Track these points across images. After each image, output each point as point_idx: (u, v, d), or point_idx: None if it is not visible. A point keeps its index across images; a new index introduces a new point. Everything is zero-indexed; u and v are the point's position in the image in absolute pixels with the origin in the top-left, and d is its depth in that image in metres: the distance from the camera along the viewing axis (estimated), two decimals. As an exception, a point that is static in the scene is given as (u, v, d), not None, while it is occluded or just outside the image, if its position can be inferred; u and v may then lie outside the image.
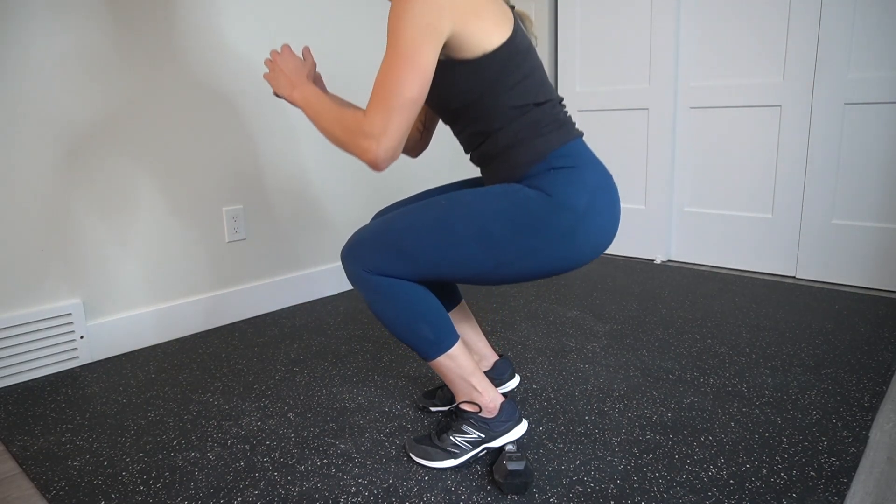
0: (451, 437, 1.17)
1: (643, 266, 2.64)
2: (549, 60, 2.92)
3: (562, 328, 1.90)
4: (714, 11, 2.41)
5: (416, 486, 1.12)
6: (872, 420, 1.30)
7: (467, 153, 1.20)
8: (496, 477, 1.09)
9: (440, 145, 2.78)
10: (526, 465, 1.08)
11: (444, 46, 1.01)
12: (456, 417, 1.20)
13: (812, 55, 2.21)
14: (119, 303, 1.82)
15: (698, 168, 2.58)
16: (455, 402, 1.35)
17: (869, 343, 1.70)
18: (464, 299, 2.22)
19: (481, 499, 1.08)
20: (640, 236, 2.76)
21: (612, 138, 2.78)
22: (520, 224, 1.06)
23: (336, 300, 2.30)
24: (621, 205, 2.77)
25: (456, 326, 1.36)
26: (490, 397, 1.18)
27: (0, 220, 1.57)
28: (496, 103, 1.08)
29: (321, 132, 1.09)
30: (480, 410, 1.17)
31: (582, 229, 1.08)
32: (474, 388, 1.17)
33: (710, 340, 1.76)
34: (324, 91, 1.22)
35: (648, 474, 1.13)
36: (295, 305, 2.25)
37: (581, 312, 2.05)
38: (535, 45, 1.16)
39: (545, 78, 1.13)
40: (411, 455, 1.20)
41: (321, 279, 2.34)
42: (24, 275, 1.63)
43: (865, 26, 2.09)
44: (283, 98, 1.16)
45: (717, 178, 2.53)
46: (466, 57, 1.03)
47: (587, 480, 1.12)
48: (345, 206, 2.41)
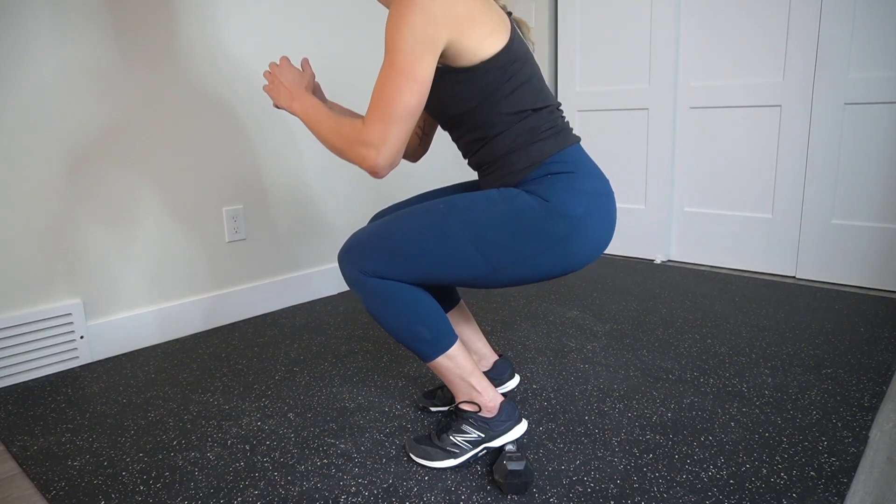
0: (451, 437, 1.17)
1: (643, 266, 2.64)
2: (549, 61, 2.92)
3: (562, 328, 1.90)
4: (714, 11, 2.41)
5: (416, 486, 1.12)
6: (872, 420, 1.30)
7: (466, 158, 1.20)
8: (496, 477, 1.09)
9: (441, 148, 2.78)
10: (526, 465, 1.08)
11: (442, 55, 1.01)
12: (456, 417, 1.20)
13: (812, 55, 2.21)
14: (119, 303, 1.82)
15: (698, 168, 2.58)
16: (455, 402, 1.35)
17: (869, 343, 1.70)
18: (462, 299, 2.22)
19: (481, 499, 1.08)
20: (640, 236, 2.76)
21: (612, 138, 2.78)
22: (516, 230, 1.06)
23: (336, 300, 2.30)
24: (622, 205, 2.79)
25: (455, 327, 1.36)
26: (490, 397, 1.18)
27: (0, 220, 1.58)
28: (494, 110, 1.08)
29: (321, 142, 1.09)
30: (480, 410, 1.17)
31: (578, 235, 1.08)
32: (474, 388, 1.18)
33: (710, 340, 1.76)
34: (323, 101, 1.22)
35: (648, 474, 1.13)
36: (295, 305, 2.25)
37: (581, 312, 2.05)
38: (532, 51, 1.16)
39: (543, 84, 1.13)
40: (411, 455, 1.20)
41: (321, 279, 2.34)
42: (24, 275, 1.63)
43: (865, 26, 2.09)
44: (283, 109, 1.18)
45: (717, 178, 2.53)
46: (464, 65, 1.03)
47: (587, 480, 1.12)
48: (345, 207, 2.41)
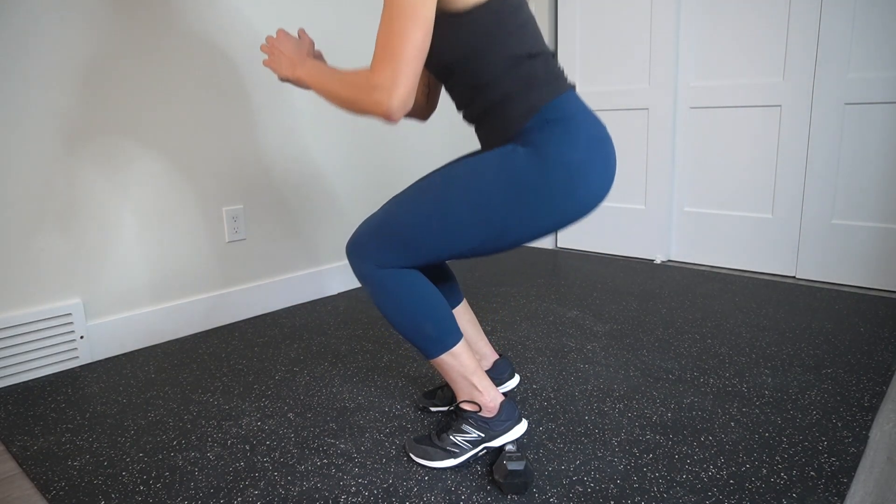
0: (451, 437, 1.17)
1: (643, 266, 2.64)
2: (549, 60, 2.92)
3: (562, 328, 1.90)
4: (714, 11, 2.41)
5: (416, 486, 1.12)
6: (872, 420, 1.30)
7: (460, 110, 1.18)
8: (496, 477, 1.09)
9: (444, 142, 2.78)
10: (526, 465, 1.08)
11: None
12: (456, 417, 1.20)
13: (812, 55, 2.21)
14: (119, 303, 1.82)
15: (698, 168, 2.58)
16: (455, 402, 1.35)
17: (869, 343, 1.70)
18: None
19: (481, 499, 1.08)
20: (640, 236, 2.76)
21: (612, 138, 2.78)
22: (516, 189, 1.05)
23: (336, 300, 2.30)
24: (622, 205, 2.79)
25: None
26: (490, 397, 1.18)
27: (0, 220, 1.57)
28: (489, 56, 1.06)
29: (332, 101, 1.08)
30: (480, 410, 1.17)
31: (578, 183, 1.06)
32: (475, 388, 1.17)
33: (710, 340, 1.76)
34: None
35: (648, 474, 1.13)
36: (295, 305, 2.25)
37: (581, 312, 2.05)
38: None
39: (538, 31, 1.11)
40: (411, 455, 1.20)
41: (321, 279, 2.34)
42: (24, 275, 1.63)
43: (865, 26, 2.09)
44: (288, 81, 1.16)
45: (717, 178, 2.53)
46: (458, 9, 1.02)
47: (587, 480, 1.12)
48: (344, 207, 2.41)
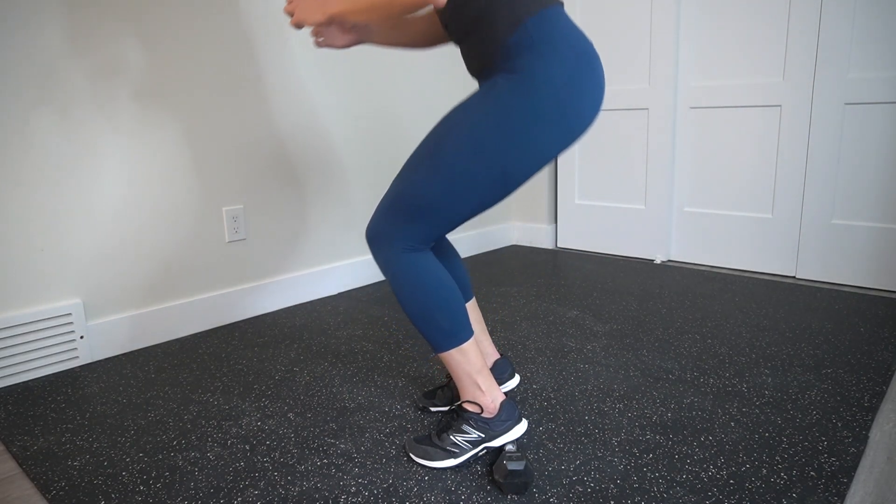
0: (451, 437, 1.17)
1: (643, 266, 2.64)
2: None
3: (562, 328, 1.90)
4: (714, 11, 2.41)
5: (416, 486, 1.12)
6: (872, 420, 1.30)
7: (446, 27, 1.16)
8: (496, 477, 1.09)
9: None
10: (526, 465, 1.08)
11: None
12: (456, 417, 1.20)
13: (812, 55, 2.21)
14: (119, 303, 1.82)
15: (698, 168, 2.58)
16: (455, 402, 1.35)
17: (869, 343, 1.70)
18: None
19: (481, 499, 1.08)
20: (640, 236, 2.76)
21: (612, 138, 2.78)
22: (509, 122, 1.04)
23: (336, 300, 2.30)
24: (622, 205, 2.79)
25: None
26: (492, 397, 1.18)
27: (0, 219, 1.57)
28: None
29: (380, 13, 1.04)
30: (482, 411, 1.17)
31: (568, 101, 1.05)
32: (479, 387, 1.17)
33: (710, 340, 1.76)
34: None
35: (648, 474, 1.13)
36: (295, 305, 2.25)
37: (581, 312, 2.05)
38: None
39: None
40: (411, 455, 1.19)
41: (321, 279, 2.34)
42: (24, 275, 1.63)
43: (865, 26, 2.09)
44: (322, 24, 1.09)
45: (717, 178, 2.53)
46: None
47: (587, 480, 1.12)
48: (344, 206, 2.41)
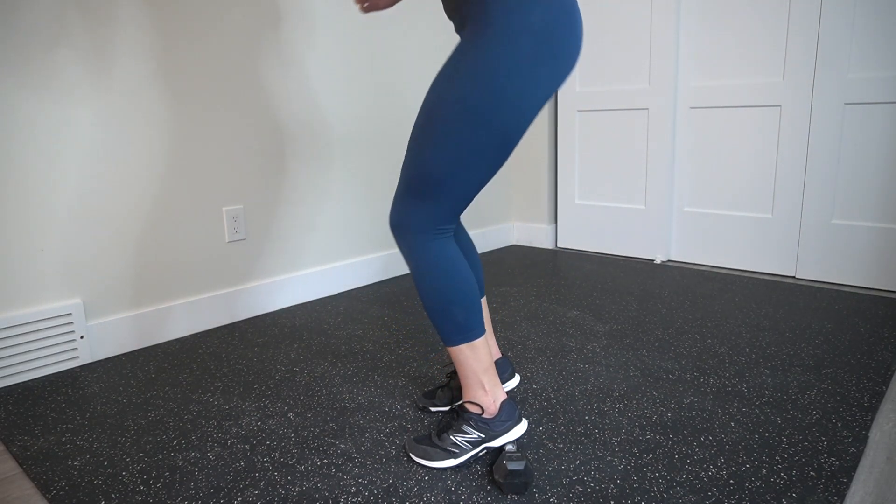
0: (452, 437, 1.17)
1: (643, 266, 2.64)
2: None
3: (562, 328, 1.90)
4: (714, 11, 2.41)
5: (416, 486, 1.12)
6: (872, 420, 1.30)
7: None
8: (496, 477, 1.09)
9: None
10: (526, 465, 1.08)
11: None
12: (456, 417, 1.20)
13: (812, 55, 2.21)
14: (119, 303, 1.82)
15: (698, 168, 2.58)
16: (456, 402, 1.35)
17: (869, 343, 1.70)
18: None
19: (481, 499, 1.08)
20: (640, 236, 2.77)
21: (612, 138, 2.78)
22: (497, 83, 1.03)
23: (336, 300, 2.30)
24: (622, 205, 2.79)
25: None
26: (494, 397, 1.18)
27: (0, 220, 1.57)
28: None
29: None
30: (483, 412, 1.17)
31: (548, 43, 1.04)
32: (482, 386, 1.17)
33: (710, 340, 1.76)
34: None
35: (648, 474, 1.13)
36: (295, 305, 2.25)
37: (581, 312, 2.05)
38: None
39: None
40: (411, 455, 1.19)
41: (321, 279, 2.34)
42: (24, 275, 1.63)
43: (865, 26, 2.09)
44: (386, 7, 1.20)
45: (717, 178, 2.53)
46: None
47: (587, 480, 1.12)
48: (344, 206, 2.41)
